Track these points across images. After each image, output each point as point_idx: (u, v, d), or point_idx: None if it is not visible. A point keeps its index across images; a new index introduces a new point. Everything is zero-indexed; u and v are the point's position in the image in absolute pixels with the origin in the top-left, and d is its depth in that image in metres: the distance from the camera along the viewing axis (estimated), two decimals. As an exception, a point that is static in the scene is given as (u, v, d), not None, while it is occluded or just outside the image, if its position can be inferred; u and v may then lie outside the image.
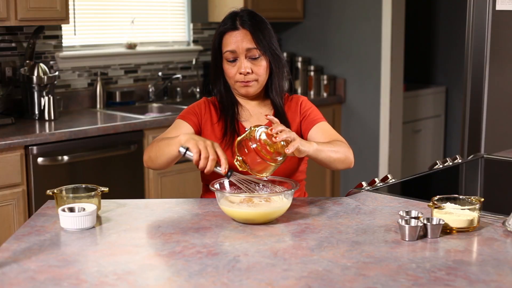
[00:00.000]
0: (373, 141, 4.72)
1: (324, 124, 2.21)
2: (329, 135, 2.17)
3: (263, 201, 1.79)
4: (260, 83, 2.17)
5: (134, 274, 1.44)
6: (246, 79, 2.14)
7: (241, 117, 2.21)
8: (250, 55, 2.13)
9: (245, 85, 2.15)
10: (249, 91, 2.17)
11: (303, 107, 2.23)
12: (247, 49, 2.12)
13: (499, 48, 3.10)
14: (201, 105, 2.23)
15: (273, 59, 2.16)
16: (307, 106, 2.24)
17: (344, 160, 2.08)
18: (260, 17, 2.19)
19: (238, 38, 2.12)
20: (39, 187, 3.23)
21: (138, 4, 4.37)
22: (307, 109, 2.23)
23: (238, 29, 2.13)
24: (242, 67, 2.12)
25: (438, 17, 5.74)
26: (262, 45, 2.13)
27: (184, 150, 1.86)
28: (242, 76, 2.13)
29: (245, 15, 2.16)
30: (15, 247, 1.60)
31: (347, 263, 1.49)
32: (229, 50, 2.13)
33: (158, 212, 1.91)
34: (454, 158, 2.54)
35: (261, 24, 2.16)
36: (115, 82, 4.21)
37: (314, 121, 2.20)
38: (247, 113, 2.22)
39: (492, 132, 3.15)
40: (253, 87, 2.16)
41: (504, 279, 1.41)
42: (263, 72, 2.15)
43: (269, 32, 2.17)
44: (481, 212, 1.75)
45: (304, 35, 4.96)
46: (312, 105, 2.26)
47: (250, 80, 2.14)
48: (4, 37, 3.68)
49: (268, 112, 2.22)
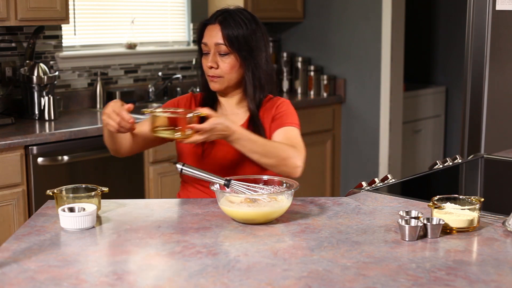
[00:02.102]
0: (373, 141, 4.72)
1: (290, 129, 2.16)
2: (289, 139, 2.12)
3: (265, 201, 1.79)
4: (227, 80, 2.17)
5: (134, 274, 1.44)
6: (211, 73, 2.16)
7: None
8: (219, 50, 2.15)
9: (211, 80, 2.18)
10: (215, 86, 2.18)
11: (277, 109, 2.20)
12: (216, 44, 2.14)
13: (499, 48, 3.10)
14: (183, 99, 2.29)
15: (244, 60, 2.15)
16: (282, 108, 2.20)
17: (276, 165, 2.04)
18: (248, 17, 2.18)
19: (212, 33, 2.15)
20: (39, 187, 3.23)
21: (138, 4, 4.37)
22: (280, 111, 2.20)
23: (213, 23, 2.16)
24: (209, 60, 2.16)
25: (438, 17, 5.74)
26: (231, 43, 2.13)
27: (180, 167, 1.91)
28: (209, 69, 2.17)
29: (231, 12, 2.17)
30: (15, 247, 1.60)
31: (347, 263, 1.49)
32: (203, 42, 2.18)
33: (158, 212, 1.91)
34: (454, 158, 2.54)
35: (242, 24, 2.14)
36: (115, 82, 4.20)
37: (282, 124, 2.17)
38: (224, 111, 2.24)
39: (492, 132, 3.15)
40: (218, 83, 2.17)
41: (504, 279, 1.41)
42: (229, 70, 2.15)
43: (249, 33, 2.15)
44: (481, 212, 1.75)
45: (304, 35, 4.96)
46: (290, 109, 2.21)
47: (215, 75, 2.16)
48: (4, 37, 3.68)
49: (245, 113, 2.21)
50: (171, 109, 2.01)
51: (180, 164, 1.90)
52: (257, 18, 2.22)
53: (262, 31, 2.20)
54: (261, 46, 2.18)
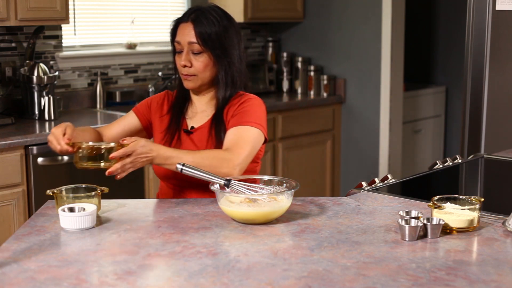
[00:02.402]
0: (373, 141, 4.72)
1: (244, 129, 2.08)
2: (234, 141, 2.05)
3: (265, 201, 1.79)
4: (200, 79, 2.16)
5: (134, 274, 1.44)
6: (185, 72, 2.16)
7: (188, 114, 2.25)
8: (192, 49, 2.14)
9: (185, 78, 2.18)
10: (188, 84, 2.18)
11: (240, 106, 2.14)
12: (189, 42, 2.14)
13: (499, 48, 3.10)
14: (157, 97, 2.30)
15: (218, 58, 2.14)
16: (244, 106, 2.14)
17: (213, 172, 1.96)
18: (221, 14, 2.16)
19: (185, 31, 2.15)
20: (39, 187, 3.23)
21: (138, 4, 4.38)
22: (241, 108, 2.14)
23: (186, 21, 2.16)
24: (182, 59, 2.15)
25: (438, 17, 5.74)
26: (205, 41, 2.12)
27: (180, 167, 1.89)
28: (182, 68, 2.16)
29: (204, 10, 2.16)
30: (15, 247, 1.60)
31: (347, 263, 1.49)
32: (176, 40, 2.17)
33: (158, 212, 1.91)
34: (454, 158, 2.54)
35: (215, 22, 2.13)
36: (115, 82, 4.21)
37: (238, 122, 2.10)
38: (194, 110, 2.25)
39: (492, 132, 3.15)
40: (192, 82, 2.17)
41: (504, 279, 1.41)
42: (203, 69, 2.14)
43: (223, 31, 2.14)
44: (481, 212, 1.75)
45: (304, 35, 4.96)
46: (254, 107, 2.14)
47: (189, 74, 2.15)
48: (4, 37, 3.68)
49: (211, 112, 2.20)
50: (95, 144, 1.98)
51: (180, 164, 1.90)
52: (230, 15, 2.20)
53: (235, 28, 2.19)
54: (234, 43, 2.17)
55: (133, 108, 2.30)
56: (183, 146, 2.20)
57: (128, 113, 2.31)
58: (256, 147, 2.09)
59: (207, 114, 2.22)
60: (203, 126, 2.20)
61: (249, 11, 4.48)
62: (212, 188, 1.83)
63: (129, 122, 2.28)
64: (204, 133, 2.19)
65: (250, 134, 2.08)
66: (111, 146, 1.94)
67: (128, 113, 2.31)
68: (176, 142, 2.21)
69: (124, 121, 2.28)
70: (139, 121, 2.28)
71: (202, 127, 2.20)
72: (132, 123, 2.28)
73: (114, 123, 2.30)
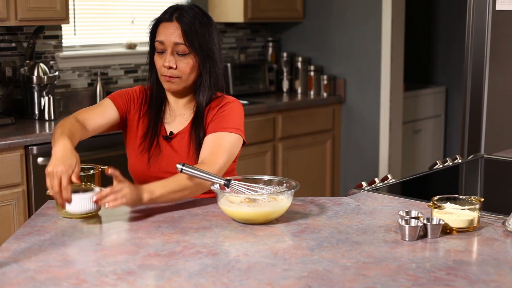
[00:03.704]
0: (373, 141, 4.72)
1: (222, 135, 2.05)
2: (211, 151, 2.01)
3: (265, 201, 1.79)
4: (184, 81, 2.10)
5: (134, 274, 1.44)
6: (169, 73, 2.08)
7: (166, 118, 2.18)
8: (177, 50, 2.07)
9: (167, 80, 2.10)
10: (171, 87, 2.11)
11: (219, 110, 2.10)
12: (175, 43, 2.07)
13: (499, 48, 3.11)
14: (136, 94, 2.20)
15: (203, 60, 2.08)
16: (223, 110, 2.10)
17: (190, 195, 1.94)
18: (202, 14, 2.12)
19: (170, 31, 2.08)
20: (39, 187, 3.23)
21: (138, 4, 4.38)
22: (220, 113, 2.09)
23: (172, 21, 2.09)
24: (166, 60, 2.08)
25: (438, 17, 5.74)
26: (192, 42, 2.06)
27: (181, 167, 1.88)
28: (165, 69, 2.09)
29: (186, 9, 2.10)
30: (15, 247, 1.60)
31: (347, 263, 1.49)
32: (159, 40, 2.10)
33: (158, 212, 1.91)
34: (454, 158, 2.54)
35: (199, 22, 2.08)
36: (115, 82, 4.20)
37: (217, 128, 2.06)
38: (172, 113, 2.17)
39: (492, 132, 3.15)
40: (175, 84, 2.10)
41: (504, 279, 1.41)
42: (188, 71, 2.08)
43: (206, 32, 2.09)
44: (481, 212, 1.75)
45: (304, 35, 4.96)
46: (233, 112, 2.10)
47: (173, 76, 2.08)
48: (4, 37, 3.68)
49: (191, 114, 2.15)
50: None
51: (180, 164, 1.89)
52: (209, 14, 2.15)
53: (215, 27, 2.14)
54: (216, 43, 2.11)
55: (112, 100, 2.15)
56: (163, 152, 2.13)
57: (107, 104, 2.15)
58: (234, 153, 2.07)
59: (185, 117, 2.16)
60: (183, 131, 2.14)
61: (249, 11, 4.48)
62: (212, 188, 1.83)
63: (110, 116, 2.13)
64: (184, 138, 2.13)
65: (229, 140, 2.05)
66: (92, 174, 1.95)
67: (108, 105, 2.14)
68: (155, 149, 2.13)
69: (106, 115, 2.13)
70: (118, 115, 2.15)
71: (182, 132, 2.14)
72: (112, 117, 2.14)
73: (96, 113, 2.12)
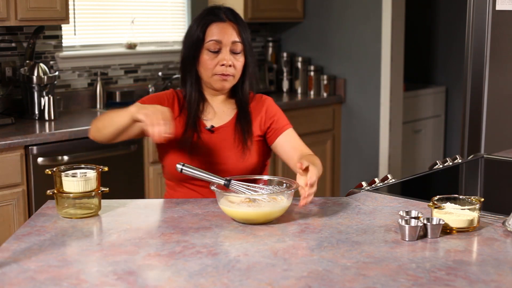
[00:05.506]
0: (373, 141, 4.72)
1: (291, 132, 2.20)
2: (297, 144, 2.17)
3: (265, 201, 1.79)
4: (236, 79, 2.17)
5: (134, 274, 1.44)
6: (227, 71, 2.12)
7: (204, 115, 2.20)
8: (233, 48, 2.12)
9: (223, 79, 2.13)
10: (226, 85, 2.16)
11: (270, 111, 2.22)
12: (233, 41, 2.12)
13: (499, 48, 3.11)
14: (165, 96, 2.22)
15: (250, 59, 2.17)
16: (274, 110, 2.23)
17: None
18: (240, 16, 2.20)
19: (226, 30, 2.12)
20: (39, 187, 3.23)
21: (138, 4, 4.38)
22: (274, 114, 2.22)
23: (225, 21, 2.13)
24: (225, 58, 2.11)
25: (438, 17, 5.74)
26: (246, 41, 2.15)
27: (181, 167, 1.89)
28: (223, 68, 2.12)
29: (228, 10, 2.17)
30: (15, 247, 1.60)
31: (347, 263, 1.49)
32: (215, 39, 2.12)
33: (158, 212, 1.91)
34: (454, 158, 2.54)
35: (243, 23, 2.18)
36: (115, 82, 4.21)
37: (282, 128, 2.19)
38: (211, 110, 2.21)
39: (492, 132, 3.15)
40: (230, 82, 2.16)
41: (504, 279, 1.41)
42: (240, 69, 2.16)
43: (248, 32, 2.19)
44: (481, 212, 1.75)
45: (304, 35, 4.96)
46: (278, 108, 2.25)
47: (230, 73, 2.13)
48: (4, 37, 3.68)
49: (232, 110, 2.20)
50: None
51: (180, 164, 1.90)
52: None
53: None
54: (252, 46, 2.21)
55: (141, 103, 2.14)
56: (207, 145, 2.15)
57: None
58: None
59: (226, 113, 2.20)
60: (226, 125, 2.18)
61: (249, 11, 4.48)
62: (212, 188, 1.83)
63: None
64: (228, 132, 2.17)
65: (297, 137, 2.20)
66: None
67: None
68: (196, 142, 2.14)
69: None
70: None
71: (225, 126, 2.18)
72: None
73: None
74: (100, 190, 1.87)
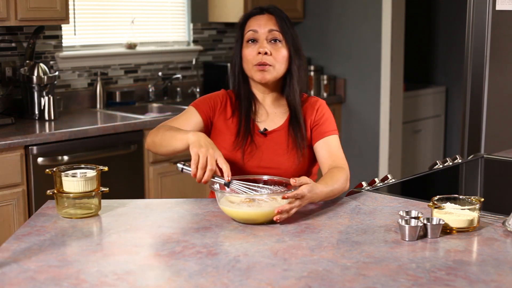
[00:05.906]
0: (373, 141, 4.72)
1: (333, 138, 2.14)
2: (333, 155, 2.11)
3: (265, 201, 1.79)
4: (276, 70, 2.11)
5: (134, 274, 1.44)
6: (264, 59, 2.08)
7: (257, 117, 2.18)
8: (271, 37, 2.10)
9: (261, 69, 2.10)
10: (265, 76, 2.10)
11: (319, 113, 2.18)
12: (269, 30, 2.10)
13: (499, 48, 3.11)
14: (218, 97, 2.20)
15: (294, 54, 2.13)
16: (323, 112, 2.19)
17: (336, 195, 2.00)
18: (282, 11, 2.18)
19: (262, 21, 2.12)
20: (39, 187, 3.23)
21: (138, 4, 4.38)
22: (321, 117, 2.17)
23: (263, 13, 2.14)
24: (261, 46, 2.10)
25: (438, 17, 5.74)
26: (285, 31, 2.11)
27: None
28: (259, 56, 2.09)
29: (271, 6, 2.17)
30: (15, 247, 1.60)
31: (347, 263, 1.49)
32: (252, 29, 2.12)
33: (158, 212, 1.91)
34: (454, 158, 2.54)
35: (285, 17, 2.15)
36: (115, 82, 4.21)
37: (325, 132, 2.14)
38: (263, 112, 2.18)
39: (492, 132, 3.15)
40: (269, 73, 2.10)
41: (504, 279, 1.41)
42: (281, 60, 2.11)
43: (294, 29, 2.16)
44: (481, 212, 1.75)
45: (304, 35, 4.96)
46: (329, 113, 2.21)
47: (267, 63, 2.09)
48: (4, 37, 3.68)
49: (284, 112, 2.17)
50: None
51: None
52: None
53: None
54: (301, 49, 2.17)
55: (195, 107, 2.16)
56: (260, 148, 2.13)
57: (190, 110, 2.16)
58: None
59: (278, 116, 2.17)
60: (279, 128, 2.15)
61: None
62: (212, 188, 1.83)
63: (194, 122, 2.14)
64: (282, 135, 2.14)
65: (337, 141, 2.15)
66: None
67: (192, 113, 2.15)
68: (249, 145, 2.12)
69: (191, 122, 2.14)
70: (202, 121, 2.15)
71: (278, 130, 2.15)
72: (197, 124, 2.14)
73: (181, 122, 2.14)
74: (100, 190, 1.87)
